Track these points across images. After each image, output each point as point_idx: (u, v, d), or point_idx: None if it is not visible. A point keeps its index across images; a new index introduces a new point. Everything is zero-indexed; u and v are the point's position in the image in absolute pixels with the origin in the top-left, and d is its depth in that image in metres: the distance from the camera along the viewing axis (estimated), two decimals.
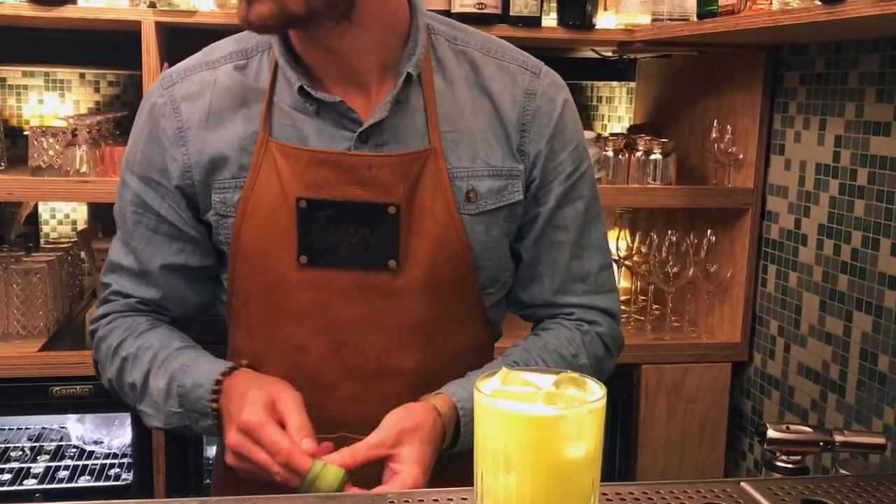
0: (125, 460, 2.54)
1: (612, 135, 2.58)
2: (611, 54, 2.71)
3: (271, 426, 1.16)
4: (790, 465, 1.43)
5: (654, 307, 2.67)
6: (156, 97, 1.34)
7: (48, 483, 2.45)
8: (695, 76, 2.71)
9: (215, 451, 1.58)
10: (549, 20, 2.40)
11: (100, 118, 2.35)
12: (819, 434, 1.45)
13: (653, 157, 2.47)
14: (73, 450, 2.61)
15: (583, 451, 0.93)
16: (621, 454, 2.55)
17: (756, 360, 2.54)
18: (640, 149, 2.49)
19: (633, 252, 2.56)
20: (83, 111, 3.13)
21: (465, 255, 1.32)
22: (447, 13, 2.29)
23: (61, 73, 3.12)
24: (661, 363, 2.52)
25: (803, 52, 2.30)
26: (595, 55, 2.76)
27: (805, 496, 1.10)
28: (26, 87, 3.12)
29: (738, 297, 2.53)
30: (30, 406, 2.30)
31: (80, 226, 3.17)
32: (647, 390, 2.53)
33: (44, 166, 2.26)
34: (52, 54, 2.82)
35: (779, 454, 1.44)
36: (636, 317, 2.69)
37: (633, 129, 2.86)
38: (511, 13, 2.31)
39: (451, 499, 1.08)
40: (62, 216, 3.19)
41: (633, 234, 2.59)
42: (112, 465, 2.54)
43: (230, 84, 1.32)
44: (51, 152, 2.27)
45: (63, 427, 2.63)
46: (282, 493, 1.12)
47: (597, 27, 2.41)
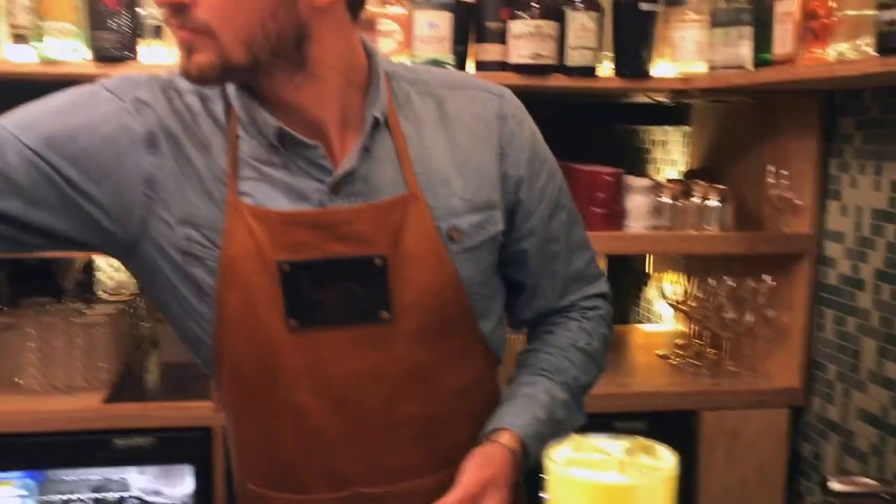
0: None
1: (668, 181, 2.58)
2: (664, 100, 2.72)
3: None
4: None
5: (710, 352, 2.66)
6: (113, 88, 1.23)
7: None
8: (750, 121, 2.70)
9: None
10: (605, 69, 2.41)
11: None
12: (882, 486, 1.42)
13: (710, 203, 2.47)
14: (135, 501, 2.62)
15: None
16: (682, 500, 2.53)
17: (815, 405, 2.51)
18: (697, 196, 2.49)
19: (690, 297, 2.55)
20: None
21: (459, 295, 1.30)
22: (503, 64, 2.32)
23: None
24: (720, 409, 2.51)
25: (858, 98, 2.29)
26: (649, 100, 2.77)
27: None
28: None
29: (796, 342, 2.52)
30: (93, 458, 2.30)
31: None
32: (707, 436, 2.51)
33: None
34: None
35: None
36: (693, 362, 2.68)
37: (689, 174, 2.87)
38: (567, 63, 2.33)
39: None
40: (118, 263, 3.22)
41: (689, 280, 2.58)
42: None
43: (193, 122, 1.24)
44: None
45: (124, 478, 2.65)
46: None
47: (652, 76, 2.42)
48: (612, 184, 2.43)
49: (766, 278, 2.46)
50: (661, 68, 2.49)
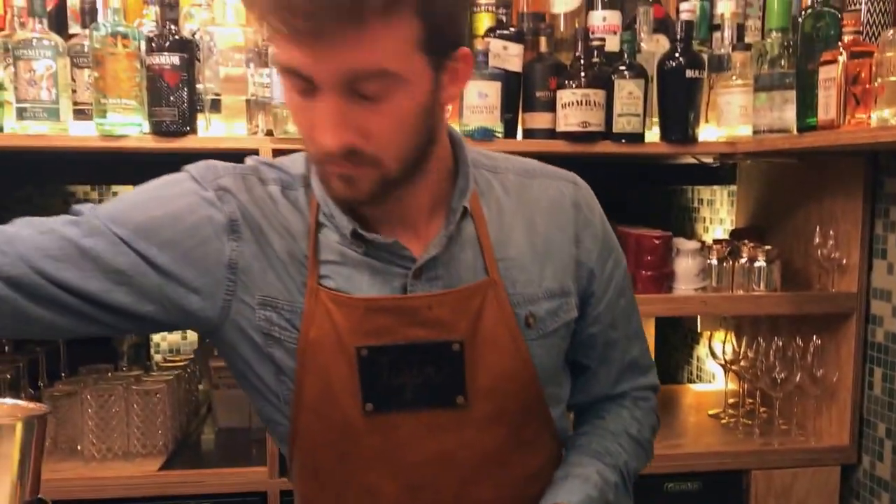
0: None
1: (715, 241, 2.60)
2: (711, 161, 2.74)
3: None
4: None
5: (761, 411, 2.66)
6: (198, 176, 1.28)
7: None
8: (795, 181, 2.72)
9: None
10: (651, 134, 2.44)
11: None
12: None
13: (757, 264, 2.48)
14: None
15: None
16: None
17: (865, 463, 2.50)
18: (745, 256, 2.50)
19: (740, 357, 2.56)
20: None
21: (533, 382, 1.32)
22: (552, 132, 2.35)
23: None
24: (771, 468, 2.50)
25: None
26: (695, 161, 2.79)
27: None
28: None
29: (846, 401, 2.51)
30: None
31: (191, 335, 3.26)
32: (758, 496, 2.50)
33: None
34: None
35: None
36: (744, 421, 2.67)
37: (735, 234, 2.88)
38: (614, 130, 2.36)
39: None
40: None
41: (738, 339, 2.59)
42: None
43: (275, 209, 1.27)
44: None
45: None
46: None
47: (698, 140, 2.44)
48: (660, 247, 2.44)
49: (814, 337, 2.46)
50: (708, 132, 2.52)
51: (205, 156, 2.43)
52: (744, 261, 2.49)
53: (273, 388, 1.30)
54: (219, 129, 2.32)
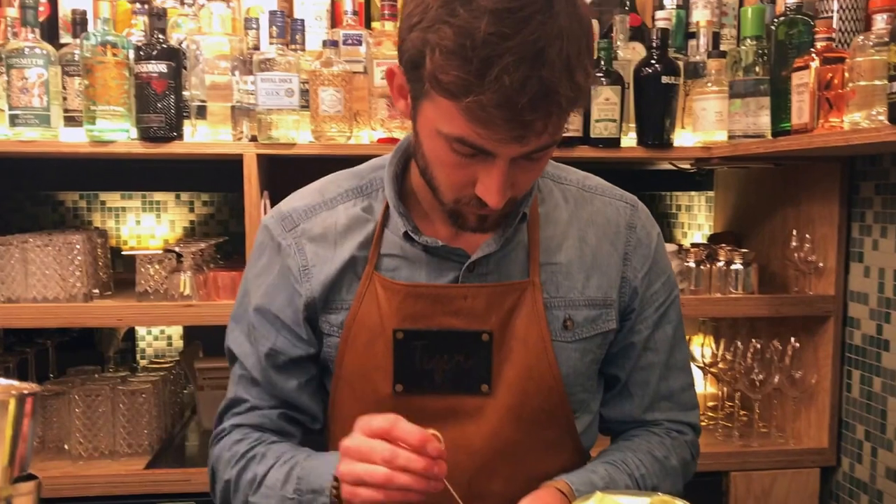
0: None
1: (693, 245, 2.63)
2: (688, 167, 2.78)
3: (404, 421, 1.19)
4: None
5: (741, 414, 2.69)
6: (280, 238, 1.40)
7: None
8: (772, 186, 2.76)
9: None
10: (628, 140, 2.48)
11: (203, 245, 2.47)
12: None
13: (734, 267, 2.51)
14: None
15: None
16: None
17: (844, 465, 2.53)
18: (722, 259, 2.53)
19: (719, 360, 2.59)
20: (179, 231, 3.29)
21: (556, 385, 1.37)
22: None
23: (158, 195, 3.29)
24: (750, 470, 2.53)
25: (878, 163, 2.35)
26: (673, 167, 2.83)
27: None
28: (124, 208, 3.30)
29: (824, 403, 2.54)
30: None
31: (176, 341, 3.30)
32: (737, 498, 2.52)
33: (150, 291, 2.38)
34: (154, 181, 3.00)
35: None
36: (724, 423, 2.70)
37: (714, 238, 2.92)
38: (591, 135, 2.40)
39: None
40: (157, 332, 3.32)
41: (717, 342, 2.62)
42: None
43: (347, 222, 1.39)
44: (157, 277, 2.39)
45: None
46: None
47: (674, 145, 2.48)
48: None
49: (792, 340, 2.48)
50: (684, 137, 2.56)
51: (191, 160, 2.50)
52: (721, 264, 2.53)
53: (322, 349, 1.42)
54: (204, 134, 2.37)
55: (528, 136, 1.10)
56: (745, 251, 2.54)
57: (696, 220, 3.39)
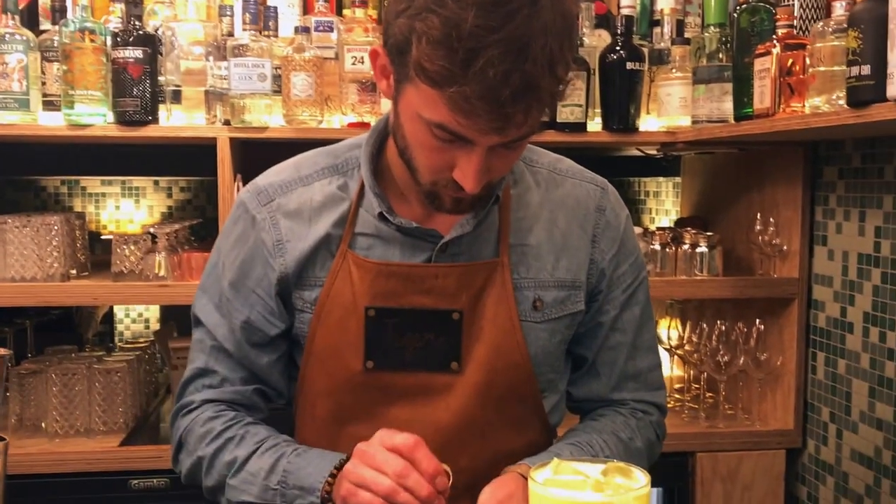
0: None
1: (658, 229, 2.67)
2: (655, 152, 2.82)
3: (426, 447, 1.22)
4: None
5: (707, 395, 2.72)
6: (254, 212, 1.42)
7: None
8: (737, 171, 2.81)
9: None
10: (595, 125, 2.52)
11: (177, 226, 2.51)
12: None
13: (699, 249, 2.55)
14: None
15: None
16: None
17: (809, 447, 2.56)
18: (687, 242, 2.57)
19: (685, 341, 2.62)
20: (157, 216, 3.34)
21: (525, 364, 1.40)
22: None
23: (137, 180, 3.34)
24: (716, 451, 2.56)
25: (840, 148, 2.39)
26: (640, 153, 2.87)
27: None
28: (104, 194, 3.35)
29: (790, 385, 2.58)
30: (110, 499, 2.39)
31: (153, 324, 3.34)
32: (703, 478, 2.56)
33: (125, 271, 2.42)
34: (131, 166, 3.04)
35: None
36: (690, 405, 2.73)
37: (680, 223, 2.96)
38: (558, 120, 2.44)
39: None
40: (135, 315, 3.37)
41: (683, 324, 2.65)
42: None
43: (323, 199, 1.41)
44: (132, 258, 2.43)
45: None
46: None
47: (640, 129, 2.52)
48: None
49: (757, 322, 2.52)
50: (649, 123, 2.60)
51: (168, 146, 2.55)
52: (686, 247, 2.56)
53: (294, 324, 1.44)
54: (179, 118, 2.42)
55: (508, 127, 1.14)
56: (710, 234, 2.59)
57: (664, 205, 3.44)
